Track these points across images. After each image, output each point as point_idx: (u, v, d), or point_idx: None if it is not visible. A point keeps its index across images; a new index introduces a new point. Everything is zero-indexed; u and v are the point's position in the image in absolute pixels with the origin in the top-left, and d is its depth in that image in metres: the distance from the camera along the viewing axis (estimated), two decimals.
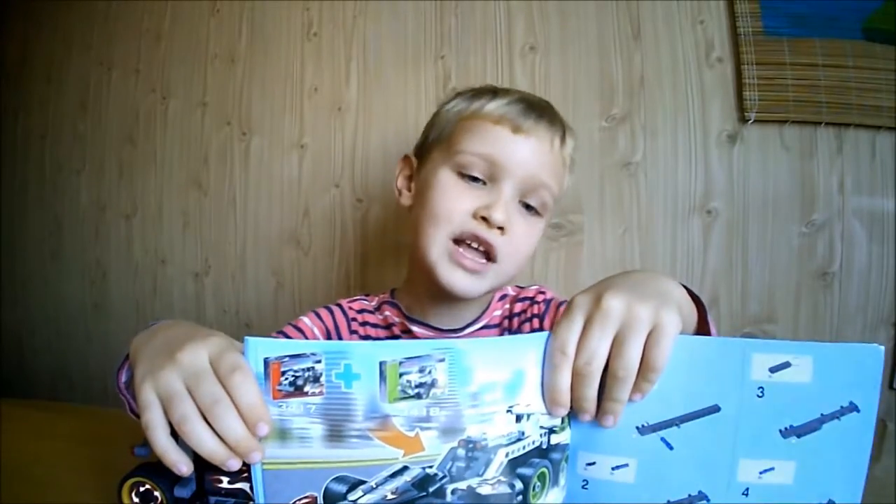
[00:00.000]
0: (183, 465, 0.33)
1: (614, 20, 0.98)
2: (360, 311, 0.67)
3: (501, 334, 0.65)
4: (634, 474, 0.33)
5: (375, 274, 1.07)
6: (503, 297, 0.68)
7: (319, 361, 0.32)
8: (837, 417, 0.30)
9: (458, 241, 0.55)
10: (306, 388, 0.32)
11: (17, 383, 1.31)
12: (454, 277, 0.55)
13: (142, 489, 0.41)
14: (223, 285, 1.17)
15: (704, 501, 0.31)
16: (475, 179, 0.57)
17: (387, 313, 0.66)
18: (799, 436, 0.31)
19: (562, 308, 0.64)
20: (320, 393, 0.32)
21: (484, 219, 0.54)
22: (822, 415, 0.31)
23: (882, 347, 0.31)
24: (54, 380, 1.30)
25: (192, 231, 1.19)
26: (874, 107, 0.89)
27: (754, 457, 0.31)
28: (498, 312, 0.66)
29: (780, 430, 0.31)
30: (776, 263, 0.94)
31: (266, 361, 0.32)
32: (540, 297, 0.66)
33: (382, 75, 1.07)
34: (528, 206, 0.58)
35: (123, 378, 0.47)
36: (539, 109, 0.60)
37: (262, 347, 0.32)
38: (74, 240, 1.27)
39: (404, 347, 0.33)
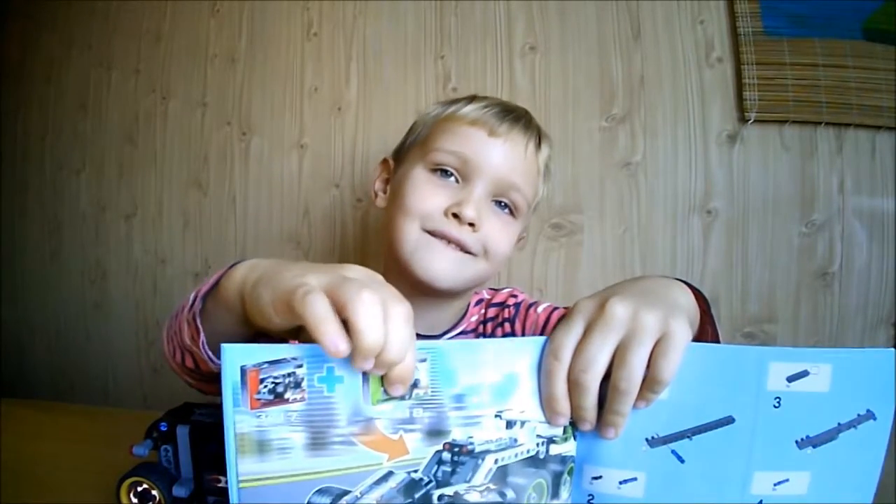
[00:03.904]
0: (343, 344, 0.28)
1: (614, 20, 0.98)
2: None
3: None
4: (644, 489, 0.31)
5: None
6: (479, 302, 0.68)
7: (301, 366, 0.29)
8: (854, 426, 0.29)
9: (432, 234, 0.55)
10: (287, 395, 0.29)
11: (17, 383, 1.31)
12: (432, 264, 0.54)
13: (140, 489, 0.41)
14: None
15: None
16: (447, 175, 0.57)
17: None
18: (815, 446, 0.30)
19: (532, 309, 0.64)
20: (302, 399, 0.30)
21: (455, 216, 0.54)
22: (839, 424, 0.30)
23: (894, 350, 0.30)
24: (54, 380, 1.29)
25: (192, 231, 1.19)
26: (874, 107, 0.89)
27: (769, 469, 0.30)
28: (475, 318, 0.66)
29: (797, 441, 0.30)
30: (776, 263, 0.94)
31: (243, 370, 0.29)
32: (511, 301, 0.66)
33: (382, 75, 1.07)
34: (501, 204, 0.58)
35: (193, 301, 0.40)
36: (515, 115, 0.61)
37: (239, 354, 0.29)
38: (74, 240, 1.27)
39: None
